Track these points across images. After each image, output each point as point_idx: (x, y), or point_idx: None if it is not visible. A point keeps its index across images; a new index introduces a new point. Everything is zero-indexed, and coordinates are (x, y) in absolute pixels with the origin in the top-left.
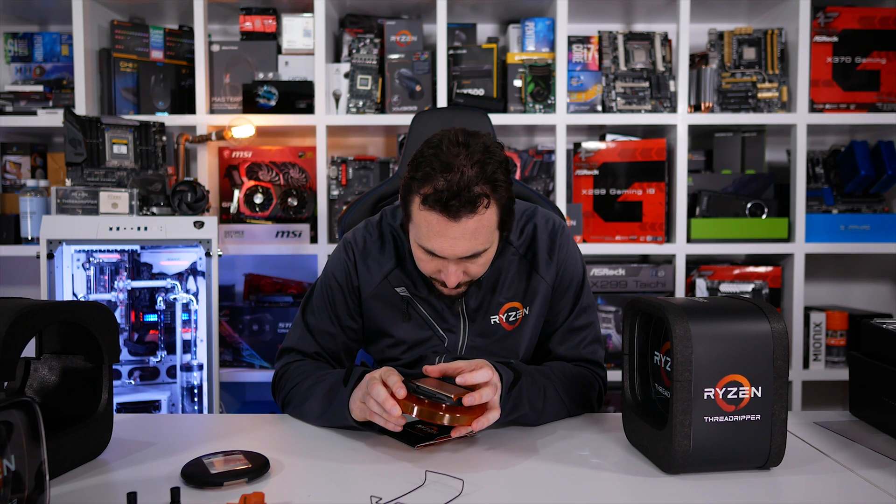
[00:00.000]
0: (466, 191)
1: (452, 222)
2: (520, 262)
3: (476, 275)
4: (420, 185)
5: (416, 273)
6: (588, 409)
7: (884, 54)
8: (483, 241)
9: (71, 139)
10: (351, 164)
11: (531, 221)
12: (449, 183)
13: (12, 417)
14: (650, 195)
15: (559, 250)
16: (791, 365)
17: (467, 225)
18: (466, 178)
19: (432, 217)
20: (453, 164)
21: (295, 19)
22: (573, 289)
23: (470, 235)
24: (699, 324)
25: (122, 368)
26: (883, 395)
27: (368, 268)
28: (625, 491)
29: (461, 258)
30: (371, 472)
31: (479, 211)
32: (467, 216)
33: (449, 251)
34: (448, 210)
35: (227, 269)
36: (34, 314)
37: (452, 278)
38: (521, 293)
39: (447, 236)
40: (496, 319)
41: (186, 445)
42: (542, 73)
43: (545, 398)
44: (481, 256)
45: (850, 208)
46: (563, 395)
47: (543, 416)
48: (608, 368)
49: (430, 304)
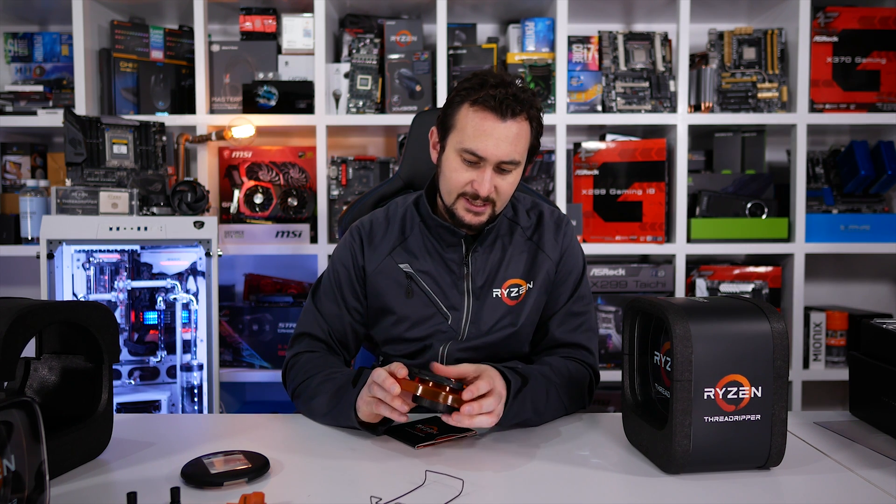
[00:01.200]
0: (516, 95)
1: (500, 122)
2: (525, 242)
3: (502, 195)
4: (471, 93)
5: (419, 249)
6: (581, 406)
7: (884, 54)
8: (520, 151)
9: (71, 139)
10: (351, 164)
11: (537, 209)
12: (502, 87)
13: (12, 417)
14: (650, 195)
15: (564, 237)
16: (791, 365)
17: (511, 128)
18: (517, 89)
19: (481, 115)
20: (505, 79)
21: (295, 19)
22: (574, 276)
23: (513, 139)
24: (699, 324)
25: (122, 368)
26: (883, 395)
27: (374, 246)
28: (625, 491)
29: (498, 164)
30: (371, 472)
31: (523, 117)
32: (513, 118)
33: (493, 151)
34: (500, 107)
35: (227, 269)
36: (34, 314)
37: (486, 185)
38: (525, 270)
39: (493, 136)
40: (498, 293)
41: (186, 445)
42: (542, 73)
43: (547, 400)
44: (511, 174)
45: (850, 208)
46: (563, 395)
47: (545, 417)
48: (608, 368)
49: (434, 280)
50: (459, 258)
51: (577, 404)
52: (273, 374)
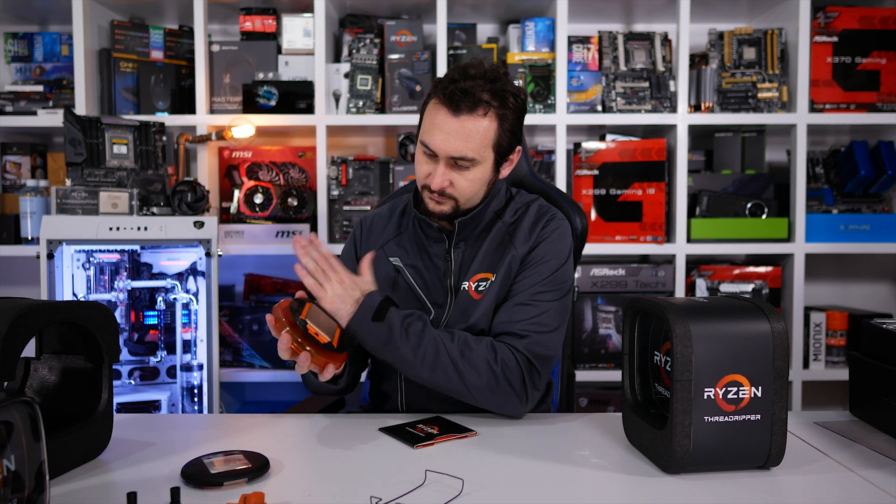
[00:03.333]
0: (473, 91)
1: (451, 116)
2: (502, 237)
3: (461, 192)
4: (437, 84)
5: (411, 244)
6: (501, 387)
7: (884, 54)
8: (474, 148)
9: (71, 139)
10: (351, 164)
11: (526, 206)
12: (461, 80)
13: (12, 417)
14: (650, 195)
15: (541, 230)
16: (791, 365)
17: (464, 124)
18: (477, 84)
19: (436, 109)
20: (471, 73)
21: (295, 19)
22: (543, 269)
23: (464, 135)
24: (699, 324)
25: (122, 368)
26: (883, 395)
27: (371, 239)
28: (625, 491)
29: (451, 159)
30: (371, 472)
31: (477, 113)
32: (466, 114)
33: (441, 145)
34: (451, 101)
35: (227, 269)
36: (34, 314)
37: (438, 179)
38: (493, 263)
39: (443, 129)
40: (465, 286)
41: (186, 445)
42: (542, 73)
43: (422, 345)
44: (469, 171)
45: (850, 208)
46: (452, 352)
47: (421, 366)
48: (608, 368)
49: (419, 274)
50: (442, 252)
51: (478, 374)
52: (273, 374)
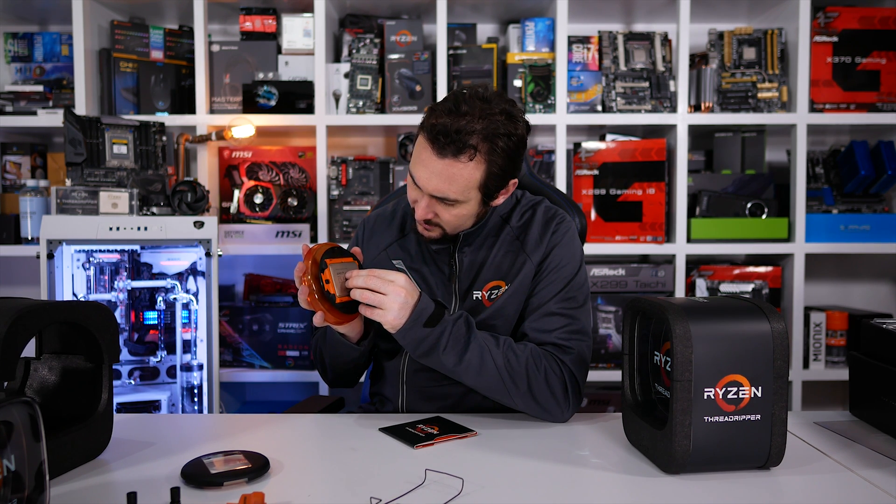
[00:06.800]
0: (459, 135)
1: (436, 157)
2: (511, 243)
3: (447, 223)
4: (429, 116)
5: (415, 248)
6: (543, 394)
7: (884, 54)
8: (456, 191)
9: (71, 139)
10: (351, 164)
11: (532, 209)
12: (450, 122)
13: (12, 417)
14: (650, 195)
15: (552, 235)
16: (791, 365)
17: (448, 168)
18: (467, 126)
19: (422, 145)
20: (463, 109)
21: (295, 19)
22: (561, 275)
23: (446, 178)
24: (699, 324)
25: (122, 368)
26: (883, 395)
27: (374, 240)
28: (625, 491)
29: (432, 196)
30: (371, 472)
31: (462, 158)
32: (451, 158)
33: (423, 182)
34: (435, 143)
35: (227, 269)
36: (34, 314)
37: (420, 210)
38: (505, 271)
39: (426, 167)
40: (478, 295)
41: (186, 445)
42: (542, 73)
43: (467, 351)
44: (454, 207)
45: (850, 208)
46: (497, 359)
47: (466, 372)
48: (608, 368)
49: (425, 280)
50: (447, 257)
51: (524, 381)
52: (273, 374)
